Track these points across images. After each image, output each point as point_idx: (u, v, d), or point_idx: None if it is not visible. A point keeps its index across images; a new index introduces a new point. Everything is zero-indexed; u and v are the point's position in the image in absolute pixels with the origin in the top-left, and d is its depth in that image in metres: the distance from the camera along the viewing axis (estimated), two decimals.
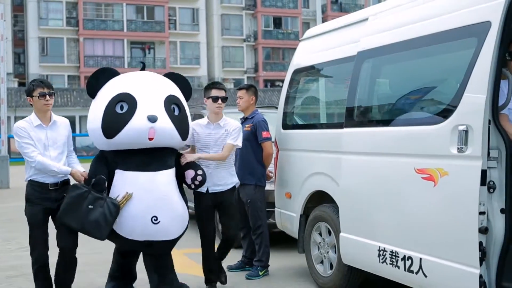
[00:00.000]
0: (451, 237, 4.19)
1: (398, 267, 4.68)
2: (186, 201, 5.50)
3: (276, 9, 53.73)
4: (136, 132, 5.10)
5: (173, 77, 5.74)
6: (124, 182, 5.21)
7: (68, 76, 48.95)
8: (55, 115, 5.59)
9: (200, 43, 52.19)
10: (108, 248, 5.91)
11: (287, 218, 6.61)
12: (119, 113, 5.14)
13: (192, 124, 5.74)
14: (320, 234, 6.04)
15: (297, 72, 6.71)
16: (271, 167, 6.97)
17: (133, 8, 50.55)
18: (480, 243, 3.96)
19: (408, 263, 4.58)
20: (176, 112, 5.36)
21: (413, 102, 4.94)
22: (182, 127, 5.39)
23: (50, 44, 48.25)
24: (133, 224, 5.16)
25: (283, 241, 7.21)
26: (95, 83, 5.44)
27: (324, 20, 25.43)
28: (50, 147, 5.41)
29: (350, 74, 5.49)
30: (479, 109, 3.96)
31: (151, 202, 5.16)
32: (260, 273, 6.71)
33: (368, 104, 5.41)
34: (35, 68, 47.63)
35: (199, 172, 5.55)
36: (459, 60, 4.37)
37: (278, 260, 5.34)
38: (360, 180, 5.19)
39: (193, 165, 5.59)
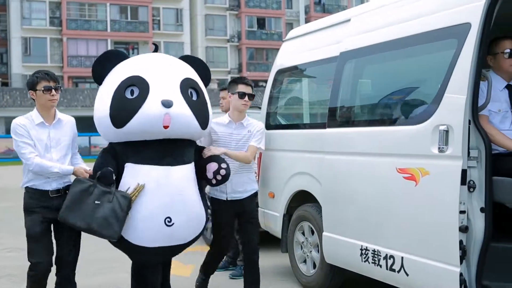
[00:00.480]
0: (432, 236, 4.23)
1: (380, 266, 4.71)
2: (205, 200, 4.96)
3: (260, 9, 53.77)
4: (149, 119, 4.47)
5: (190, 60, 5.12)
6: (135, 176, 4.58)
7: None
8: (60, 112, 5.01)
9: (184, 43, 52.09)
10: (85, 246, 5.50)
11: (271, 217, 6.63)
12: (129, 99, 4.53)
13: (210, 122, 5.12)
14: (303, 233, 6.07)
15: (281, 72, 6.74)
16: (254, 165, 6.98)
17: (117, 8, 50.36)
18: (461, 242, 4.00)
19: (390, 262, 4.62)
20: (194, 97, 4.74)
21: (394, 103, 4.99)
22: (201, 113, 4.74)
23: (33, 44, 47.92)
24: (143, 227, 4.54)
25: (266, 241, 7.24)
26: (100, 69, 4.82)
27: (307, 20, 25.56)
28: (53, 148, 4.83)
29: (333, 74, 5.52)
30: (460, 110, 4.00)
31: (164, 200, 4.55)
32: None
33: (351, 105, 5.45)
34: (18, 68, 47.33)
35: (223, 165, 4.95)
36: (440, 61, 4.42)
37: (261, 260, 5.34)
38: (343, 180, 5.23)
39: (217, 158, 5.01)
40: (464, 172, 3.98)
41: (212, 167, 4.92)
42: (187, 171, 4.76)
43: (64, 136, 4.93)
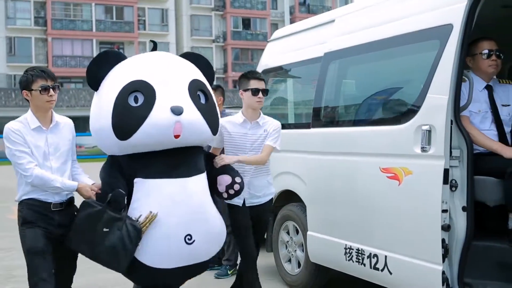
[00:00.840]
0: (415, 234, 4.27)
1: (364, 265, 4.75)
2: (220, 212, 4.49)
3: (245, 10, 53.77)
4: (158, 129, 4.00)
5: (192, 57, 4.63)
6: (148, 193, 4.09)
7: None
8: (57, 114, 4.44)
9: (169, 43, 51.94)
10: None
11: None
12: (134, 107, 4.02)
13: (222, 122, 4.83)
14: (288, 233, 6.10)
15: (265, 72, 6.75)
16: None
17: (102, 8, 50.17)
18: (443, 240, 4.04)
19: (373, 260, 4.66)
20: (203, 100, 4.30)
21: (378, 103, 5.02)
22: (211, 118, 4.31)
23: (18, 43, 47.61)
24: (161, 247, 4.07)
25: None
26: (96, 71, 4.28)
27: (292, 21, 25.55)
28: (51, 155, 4.25)
29: (317, 75, 5.55)
30: (442, 110, 4.04)
31: (184, 217, 4.09)
32: (229, 272, 6.76)
33: (335, 105, 5.49)
34: (2, 68, 47.00)
35: (237, 179, 4.53)
36: (423, 62, 4.46)
37: None
38: (327, 180, 5.26)
39: (230, 170, 4.59)
40: (446, 172, 4.03)
41: (225, 180, 4.52)
42: (204, 181, 4.33)
43: (63, 141, 4.37)
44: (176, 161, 4.18)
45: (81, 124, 15.57)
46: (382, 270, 4.57)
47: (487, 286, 4.03)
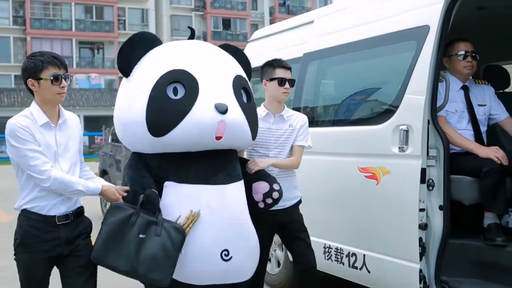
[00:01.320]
0: (393, 233, 4.32)
1: (343, 264, 4.79)
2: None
3: (225, 10, 53.73)
4: (199, 127, 3.52)
5: (231, 50, 4.14)
6: (181, 199, 3.59)
7: (15, 76, 47.82)
8: (64, 109, 3.73)
9: None
10: None
11: None
12: (174, 100, 3.53)
13: None
14: None
15: None
16: None
17: (82, 8, 49.84)
18: (420, 239, 4.09)
19: (352, 259, 4.70)
20: (245, 99, 3.83)
21: (357, 103, 5.06)
22: (253, 121, 3.87)
23: None
24: (195, 263, 3.55)
25: None
26: (130, 54, 3.75)
27: (272, 22, 25.61)
28: (60, 156, 3.56)
29: (296, 75, 5.58)
30: (419, 110, 4.09)
31: (221, 229, 3.60)
32: None
33: (314, 105, 5.52)
34: None
35: (276, 186, 4.00)
36: (400, 63, 4.50)
37: None
38: (306, 179, 5.27)
39: (266, 176, 4.07)
40: (423, 171, 4.07)
41: (262, 187, 3.98)
42: (242, 189, 3.85)
43: (71, 140, 3.69)
44: (214, 165, 3.71)
45: None
46: (360, 268, 4.62)
47: (463, 284, 4.08)
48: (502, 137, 4.75)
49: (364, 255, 4.58)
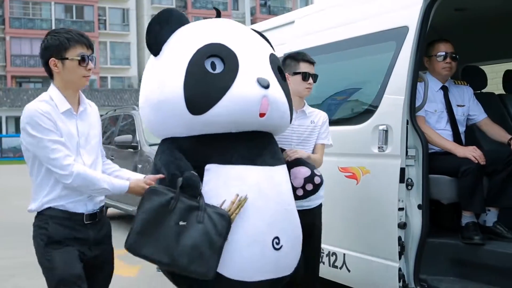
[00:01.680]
0: (373, 232, 4.35)
1: (323, 263, 4.80)
2: None
3: (206, 10, 53.68)
4: (243, 103, 3.23)
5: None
6: (226, 182, 3.24)
7: None
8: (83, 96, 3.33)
9: (130, 43, 51.65)
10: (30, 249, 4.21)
11: None
12: (213, 74, 3.24)
13: None
14: None
15: None
16: None
17: (62, 7, 49.62)
18: (399, 238, 4.12)
19: (332, 258, 4.72)
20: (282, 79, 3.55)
21: (337, 103, 5.09)
22: (290, 101, 3.57)
23: None
24: (244, 252, 3.18)
25: None
26: (159, 31, 3.43)
27: (253, 22, 25.72)
28: (82, 148, 3.17)
29: None
30: (398, 110, 4.12)
31: (273, 213, 3.28)
32: None
33: None
34: None
35: (317, 171, 3.70)
36: (380, 63, 4.53)
37: None
38: None
39: (305, 162, 3.78)
40: (402, 171, 4.10)
41: (302, 172, 3.65)
42: (287, 173, 3.55)
43: (93, 130, 3.30)
44: (258, 146, 3.41)
45: None
46: (340, 268, 4.64)
47: (441, 282, 4.11)
48: (480, 137, 4.79)
49: (344, 254, 4.60)
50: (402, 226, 4.12)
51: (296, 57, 4.19)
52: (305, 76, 4.09)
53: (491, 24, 5.37)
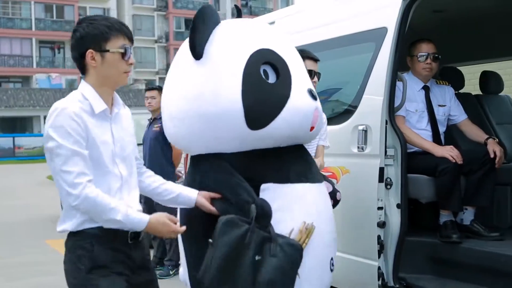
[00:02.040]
0: (352, 231, 4.37)
1: None
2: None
3: (188, 10, 53.58)
4: (300, 116, 3.02)
5: None
6: (289, 202, 3.00)
7: None
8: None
9: None
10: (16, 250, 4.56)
11: None
12: (271, 84, 2.98)
13: None
14: None
15: None
16: (180, 167, 7.02)
17: (42, 7, 49.28)
18: (379, 237, 4.15)
19: None
20: None
21: None
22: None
23: None
24: (313, 281, 3.07)
25: None
26: (204, 30, 3.03)
27: None
28: (118, 157, 2.68)
29: None
30: (377, 110, 4.15)
31: (328, 234, 3.17)
32: (171, 272, 6.78)
33: None
34: None
35: (337, 188, 3.72)
36: (360, 64, 4.56)
37: None
38: None
39: (325, 177, 3.63)
40: (381, 170, 4.13)
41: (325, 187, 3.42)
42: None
43: (128, 135, 2.81)
44: (306, 161, 3.23)
45: (20, 125, 15.31)
46: None
47: (420, 280, 4.15)
48: (457, 137, 4.85)
49: None
50: (381, 225, 4.15)
51: (301, 54, 3.76)
52: (310, 74, 3.81)
53: (469, 25, 5.44)
